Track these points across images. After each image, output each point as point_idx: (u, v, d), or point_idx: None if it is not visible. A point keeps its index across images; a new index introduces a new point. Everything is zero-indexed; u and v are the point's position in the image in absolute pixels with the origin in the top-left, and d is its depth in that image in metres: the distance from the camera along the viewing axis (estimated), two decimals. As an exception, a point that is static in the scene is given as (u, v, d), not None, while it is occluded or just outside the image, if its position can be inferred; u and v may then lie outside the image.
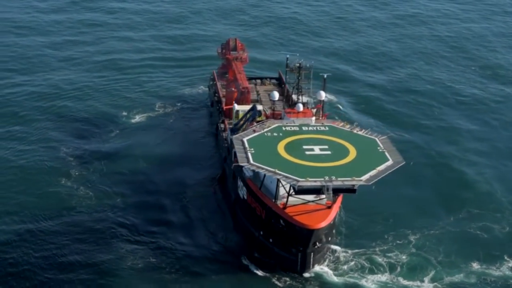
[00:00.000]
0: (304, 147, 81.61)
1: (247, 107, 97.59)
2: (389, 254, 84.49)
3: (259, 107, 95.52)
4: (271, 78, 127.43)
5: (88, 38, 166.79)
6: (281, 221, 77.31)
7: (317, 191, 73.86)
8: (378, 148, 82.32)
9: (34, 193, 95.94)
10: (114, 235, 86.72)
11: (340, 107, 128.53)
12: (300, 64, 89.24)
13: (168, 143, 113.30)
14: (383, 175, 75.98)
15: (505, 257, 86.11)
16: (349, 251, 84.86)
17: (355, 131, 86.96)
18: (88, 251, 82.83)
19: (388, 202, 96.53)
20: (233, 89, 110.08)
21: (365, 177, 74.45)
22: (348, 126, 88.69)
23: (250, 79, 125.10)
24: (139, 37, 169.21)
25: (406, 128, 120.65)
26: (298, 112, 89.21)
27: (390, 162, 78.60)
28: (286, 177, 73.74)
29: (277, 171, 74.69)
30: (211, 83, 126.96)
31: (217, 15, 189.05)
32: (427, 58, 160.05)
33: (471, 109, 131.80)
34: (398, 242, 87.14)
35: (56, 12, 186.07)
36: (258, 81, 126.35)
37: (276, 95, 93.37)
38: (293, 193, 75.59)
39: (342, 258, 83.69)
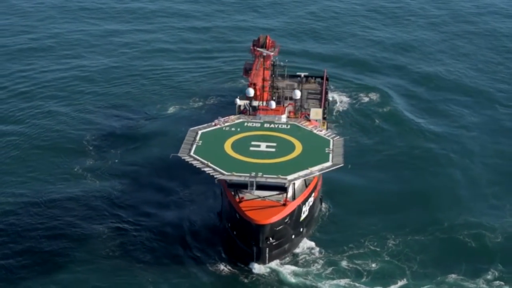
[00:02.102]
0: (253, 143, 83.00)
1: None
2: (358, 260, 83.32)
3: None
4: (316, 77, 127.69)
5: (138, 26, 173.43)
6: (237, 214, 79.62)
7: (244, 186, 75.75)
8: (326, 149, 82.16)
9: (43, 169, 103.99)
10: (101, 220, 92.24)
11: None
12: (274, 62, 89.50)
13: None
14: (312, 175, 76.97)
15: (490, 270, 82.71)
16: (317, 251, 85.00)
17: (315, 131, 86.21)
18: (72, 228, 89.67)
19: (383, 202, 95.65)
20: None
21: (292, 176, 75.27)
22: (312, 126, 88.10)
23: (293, 76, 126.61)
24: (188, 28, 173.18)
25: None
26: (268, 110, 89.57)
27: (328, 164, 78.66)
28: (215, 170, 75.31)
29: (209, 164, 76.50)
30: None
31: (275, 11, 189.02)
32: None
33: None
34: (372, 247, 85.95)
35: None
36: (304, 78, 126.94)
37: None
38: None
39: (307, 258, 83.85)
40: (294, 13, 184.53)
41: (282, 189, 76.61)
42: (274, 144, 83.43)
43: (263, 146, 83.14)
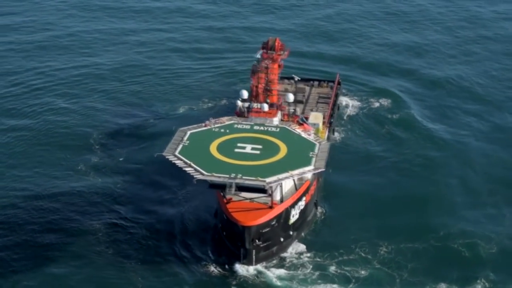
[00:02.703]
0: (239, 145, 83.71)
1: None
2: (348, 266, 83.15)
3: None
4: (328, 81, 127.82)
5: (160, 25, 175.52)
6: (224, 215, 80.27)
7: (223, 187, 76.37)
8: (311, 153, 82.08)
9: (48, 164, 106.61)
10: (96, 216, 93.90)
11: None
12: (267, 65, 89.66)
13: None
14: (291, 178, 77.19)
15: (481, 280, 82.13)
16: (306, 255, 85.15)
17: (303, 135, 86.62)
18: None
19: (380, 209, 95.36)
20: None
21: (270, 178, 75.63)
22: (302, 129, 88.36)
23: (307, 80, 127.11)
24: (204, 28, 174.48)
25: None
26: (259, 112, 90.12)
27: (309, 168, 78.76)
28: (196, 170, 76.19)
29: (192, 164, 77.37)
30: None
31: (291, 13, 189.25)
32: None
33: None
34: (363, 254, 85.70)
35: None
36: (316, 82, 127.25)
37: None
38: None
39: (295, 261, 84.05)
40: (311, 15, 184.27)
41: (263, 191, 76.85)
42: (260, 147, 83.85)
43: (248, 148, 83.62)
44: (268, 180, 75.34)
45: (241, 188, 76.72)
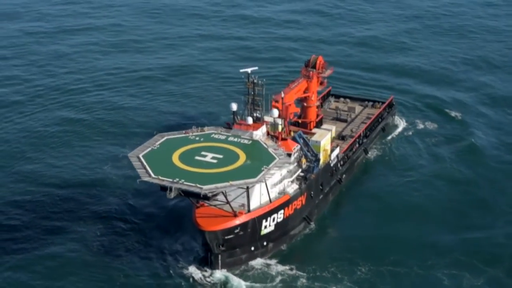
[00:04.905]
0: (202, 153, 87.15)
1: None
2: (318, 282, 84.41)
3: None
4: (382, 102, 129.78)
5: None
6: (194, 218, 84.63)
7: (165, 189, 79.79)
8: (264, 167, 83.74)
9: (89, 154, 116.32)
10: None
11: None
12: (253, 80, 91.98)
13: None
14: (224, 189, 79.61)
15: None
16: (277, 267, 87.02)
17: (270, 149, 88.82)
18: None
19: (376, 236, 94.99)
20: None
21: (208, 186, 78.58)
22: (273, 144, 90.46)
23: (362, 100, 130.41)
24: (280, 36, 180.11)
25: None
26: (241, 125, 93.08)
27: (251, 180, 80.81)
28: (146, 171, 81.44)
29: (147, 166, 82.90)
30: None
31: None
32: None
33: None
34: (337, 272, 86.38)
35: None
36: (370, 103, 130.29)
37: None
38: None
39: (264, 272, 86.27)
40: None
41: (205, 198, 79.69)
42: (220, 156, 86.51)
43: (208, 157, 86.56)
44: (205, 187, 78.30)
45: (187, 193, 79.78)
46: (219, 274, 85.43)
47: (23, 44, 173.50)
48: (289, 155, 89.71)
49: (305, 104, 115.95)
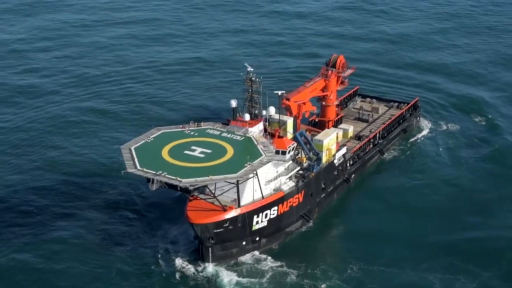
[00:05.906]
0: (192, 147, 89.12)
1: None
2: (307, 279, 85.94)
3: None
4: (407, 103, 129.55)
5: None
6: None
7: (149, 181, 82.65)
8: (248, 164, 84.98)
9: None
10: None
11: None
12: (251, 77, 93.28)
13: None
14: (206, 183, 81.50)
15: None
16: (269, 263, 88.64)
17: (259, 147, 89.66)
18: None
19: (375, 235, 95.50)
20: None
21: (187, 180, 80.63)
22: (264, 141, 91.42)
23: (388, 101, 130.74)
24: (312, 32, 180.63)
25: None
26: (237, 121, 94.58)
27: (233, 175, 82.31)
28: (134, 163, 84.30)
29: (135, 158, 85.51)
30: None
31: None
32: None
33: None
34: (327, 269, 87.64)
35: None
36: (395, 104, 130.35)
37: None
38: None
39: (255, 267, 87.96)
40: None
41: (186, 190, 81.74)
42: (209, 151, 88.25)
43: (197, 152, 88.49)
44: (184, 181, 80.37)
45: (169, 186, 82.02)
46: (211, 268, 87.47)
47: (65, 35, 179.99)
48: (284, 153, 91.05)
49: (323, 103, 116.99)
